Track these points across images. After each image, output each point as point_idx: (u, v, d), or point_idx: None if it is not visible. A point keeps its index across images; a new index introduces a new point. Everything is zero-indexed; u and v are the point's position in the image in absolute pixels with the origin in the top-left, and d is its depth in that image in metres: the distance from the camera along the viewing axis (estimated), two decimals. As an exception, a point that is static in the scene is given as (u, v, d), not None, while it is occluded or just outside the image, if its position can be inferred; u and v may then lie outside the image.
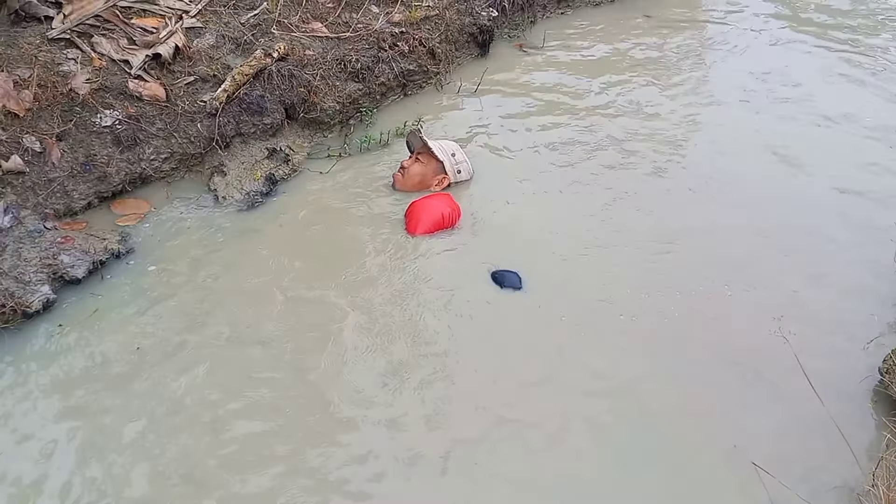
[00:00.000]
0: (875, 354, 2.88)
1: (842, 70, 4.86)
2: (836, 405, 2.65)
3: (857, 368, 2.85)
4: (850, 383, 2.80)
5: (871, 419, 2.69)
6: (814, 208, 3.66)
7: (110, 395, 2.64)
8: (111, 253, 3.15)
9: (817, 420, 2.61)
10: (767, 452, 2.54)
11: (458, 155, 3.70)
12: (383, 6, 4.47)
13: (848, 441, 2.49)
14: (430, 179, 3.66)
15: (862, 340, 2.95)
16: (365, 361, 2.80)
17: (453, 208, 3.47)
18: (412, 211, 3.44)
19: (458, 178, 3.70)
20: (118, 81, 3.50)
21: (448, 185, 3.67)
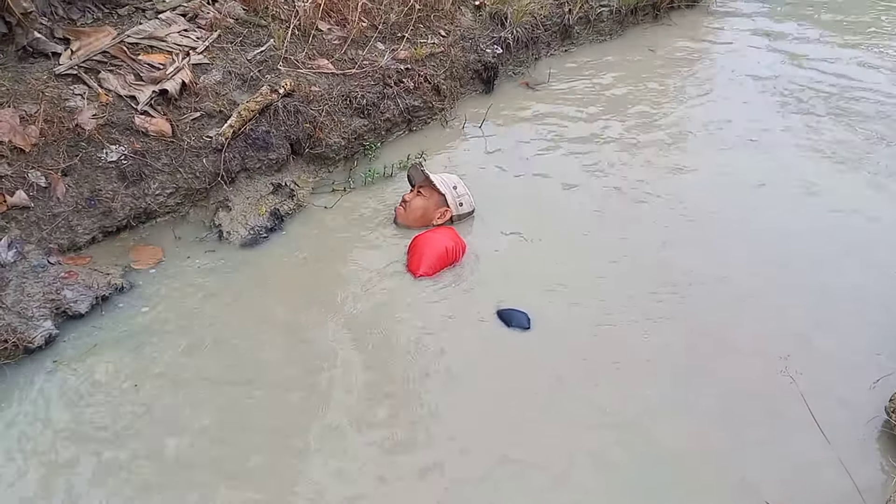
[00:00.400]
0: (882, 394, 2.84)
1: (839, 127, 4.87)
2: (844, 445, 2.63)
3: (863, 408, 2.82)
4: (858, 423, 2.77)
5: (879, 459, 2.66)
6: (819, 246, 3.64)
7: (93, 445, 2.61)
8: (114, 288, 3.14)
9: (824, 460, 2.59)
10: (774, 492, 2.50)
11: (459, 188, 3.70)
12: (389, 43, 4.50)
13: (855, 481, 2.46)
14: (433, 213, 3.66)
15: (868, 380, 2.92)
16: (363, 403, 2.76)
17: (457, 242, 3.46)
18: (415, 246, 3.42)
19: (461, 211, 3.69)
20: (124, 117, 3.52)
21: (450, 218, 3.66)
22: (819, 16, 6.05)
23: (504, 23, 4.99)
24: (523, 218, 3.73)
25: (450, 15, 4.86)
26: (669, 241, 3.63)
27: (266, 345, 2.99)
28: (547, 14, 5.21)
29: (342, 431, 2.66)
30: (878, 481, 2.57)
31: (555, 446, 2.65)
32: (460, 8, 4.98)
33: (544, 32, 5.20)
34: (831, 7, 6.21)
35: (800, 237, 3.70)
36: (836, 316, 3.26)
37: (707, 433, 2.74)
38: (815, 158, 4.31)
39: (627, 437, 2.70)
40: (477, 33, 4.88)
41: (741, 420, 2.78)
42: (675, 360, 3.02)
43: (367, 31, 4.47)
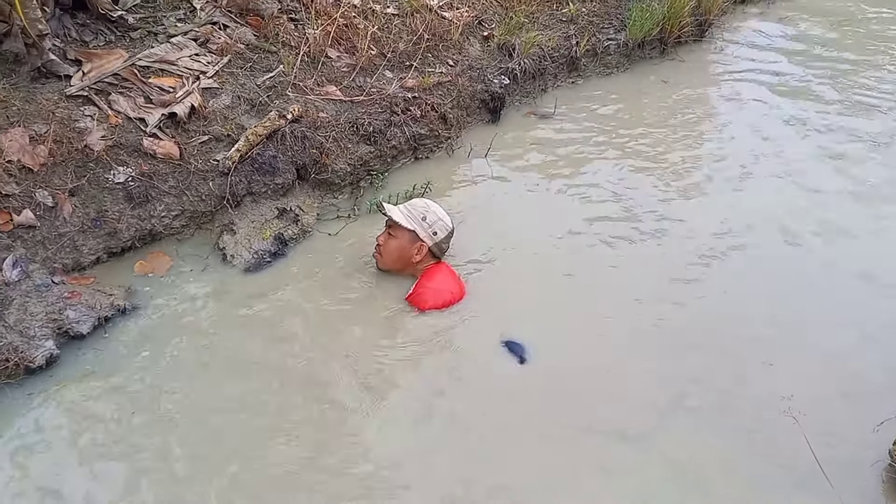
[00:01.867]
0: (885, 437, 2.82)
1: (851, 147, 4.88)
2: (847, 489, 2.63)
3: (867, 451, 2.80)
4: (861, 466, 2.76)
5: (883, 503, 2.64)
6: (824, 285, 3.64)
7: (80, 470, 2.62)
8: (117, 309, 3.15)
9: (825, 501, 2.58)
10: None
11: (429, 216, 3.46)
12: (397, 71, 4.54)
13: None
14: (409, 251, 3.44)
15: (872, 422, 2.90)
16: (369, 447, 2.75)
17: (457, 283, 3.47)
18: (416, 300, 3.40)
19: (437, 239, 3.46)
20: (133, 139, 3.55)
21: (428, 250, 3.47)
22: (822, 52, 6.08)
23: (511, 54, 5.03)
24: (525, 250, 3.73)
25: (458, 45, 4.90)
26: (677, 278, 3.64)
27: (266, 377, 3.00)
28: (554, 46, 5.24)
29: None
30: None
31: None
32: (468, 38, 5.02)
33: (551, 64, 5.22)
34: (836, 43, 6.25)
35: (803, 275, 3.71)
36: (841, 357, 3.25)
37: (708, 472, 2.73)
38: (830, 193, 4.32)
39: (627, 478, 2.69)
40: (484, 63, 4.92)
41: (744, 460, 2.77)
42: (676, 396, 3.02)
43: (376, 59, 4.51)
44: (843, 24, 6.65)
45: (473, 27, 5.11)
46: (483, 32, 5.12)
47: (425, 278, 3.45)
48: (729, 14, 6.58)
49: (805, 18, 6.70)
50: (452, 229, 3.53)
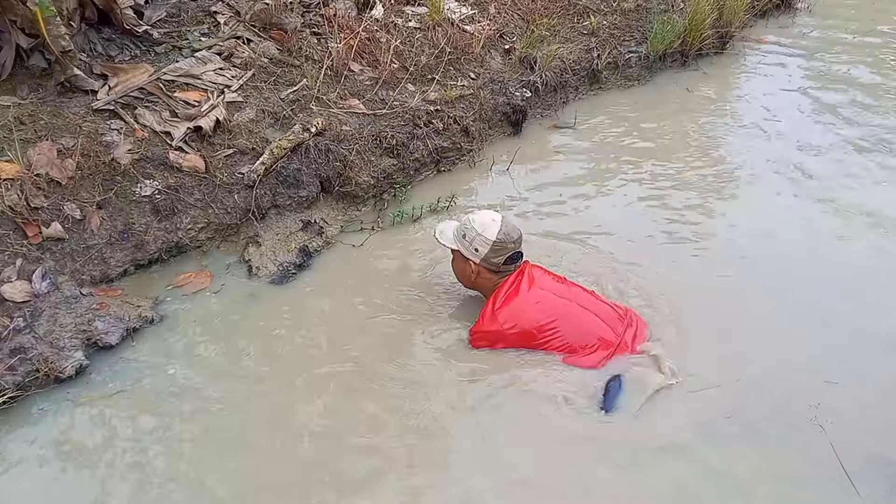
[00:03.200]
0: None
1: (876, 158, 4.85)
2: (872, 496, 2.60)
3: (892, 458, 2.77)
4: (888, 475, 2.72)
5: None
6: (852, 293, 3.61)
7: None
8: (145, 320, 3.16)
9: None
10: None
11: (468, 233, 3.16)
12: (419, 84, 4.56)
13: None
14: (466, 270, 3.24)
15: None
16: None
17: (530, 315, 3.12)
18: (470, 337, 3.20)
19: (480, 255, 3.15)
20: (159, 152, 3.57)
21: (480, 265, 3.18)
22: (843, 64, 6.06)
23: (533, 67, 5.04)
24: (550, 260, 3.71)
25: (479, 58, 4.91)
26: (707, 287, 3.61)
27: (293, 385, 3.01)
28: (575, 59, 5.25)
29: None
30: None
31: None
32: (490, 52, 5.03)
33: (573, 77, 5.23)
34: (858, 56, 6.22)
35: (828, 281, 3.68)
36: (868, 365, 3.21)
37: (731, 482, 2.71)
38: (846, 209, 4.28)
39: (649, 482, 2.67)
40: (506, 76, 4.93)
41: (769, 470, 2.75)
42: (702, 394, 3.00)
43: (398, 72, 4.53)
44: (864, 35, 6.63)
45: (495, 40, 5.13)
46: (504, 46, 5.13)
47: (489, 305, 3.17)
48: (749, 27, 6.58)
49: (827, 31, 6.70)
50: (499, 241, 3.13)
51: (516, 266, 3.25)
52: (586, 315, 3.17)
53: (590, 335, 3.13)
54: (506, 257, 3.18)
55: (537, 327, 3.10)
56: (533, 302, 3.14)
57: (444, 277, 3.58)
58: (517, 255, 3.23)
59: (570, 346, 3.11)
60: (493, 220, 3.18)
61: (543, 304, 3.14)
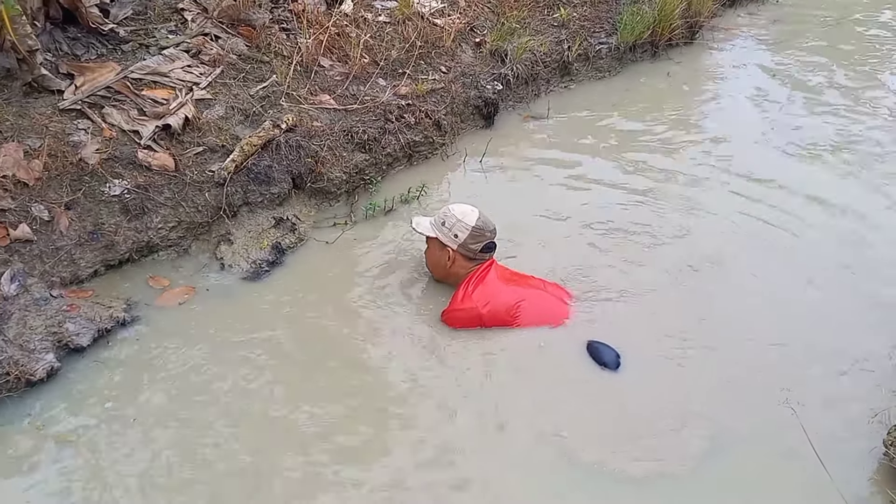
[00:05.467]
0: (881, 426, 2.84)
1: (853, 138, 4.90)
2: (844, 478, 2.65)
3: (863, 441, 2.82)
4: (857, 456, 2.77)
5: (878, 492, 2.65)
6: (824, 279, 3.65)
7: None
8: (117, 321, 3.13)
9: (825, 492, 2.60)
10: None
11: (448, 220, 3.37)
12: (390, 79, 4.55)
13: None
14: (441, 258, 3.41)
15: (868, 413, 2.92)
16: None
17: (502, 296, 3.31)
18: (445, 319, 3.33)
19: (459, 241, 3.34)
20: (128, 151, 3.54)
21: (457, 252, 3.35)
22: (812, 52, 6.11)
23: (504, 59, 5.04)
24: (521, 250, 3.73)
25: (450, 52, 4.91)
26: (681, 277, 3.65)
27: (267, 386, 3.00)
28: (546, 51, 5.26)
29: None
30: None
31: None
32: (461, 45, 5.03)
33: (544, 69, 5.24)
34: (826, 44, 6.28)
35: (798, 267, 3.73)
36: (838, 348, 3.26)
37: (706, 465, 2.74)
38: (828, 191, 4.33)
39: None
40: (477, 70, 4.93)
41: (742, 452, 2.79)
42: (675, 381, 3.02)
43: (369, 67, 4.52)
44: (835, 22, 6.70)
45: (465, 34, 5.12)
46: (475, 39, 5.13)
47: (461, 289, 3.32)
48: (719, 16, 6.62)
49: (797, 19, 6.76)
50: (478, 227, 3.35)
51: (489, 256, 3.45)
52: (549, 297, 3.42)
53: (555, 314, 3.35)
54: (483, 245, 3.39)
55: (508, 307, 3.28)
56: (503, 285, 3.37)
57: (417, 268, 3.62)
58: (492, 245, 3.44)
59: (538, 323, 3.30)
60: (472, 209, 3.42)
61: (511, 287, 3.38)
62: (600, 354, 3.13)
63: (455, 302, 3.30)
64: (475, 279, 3.34)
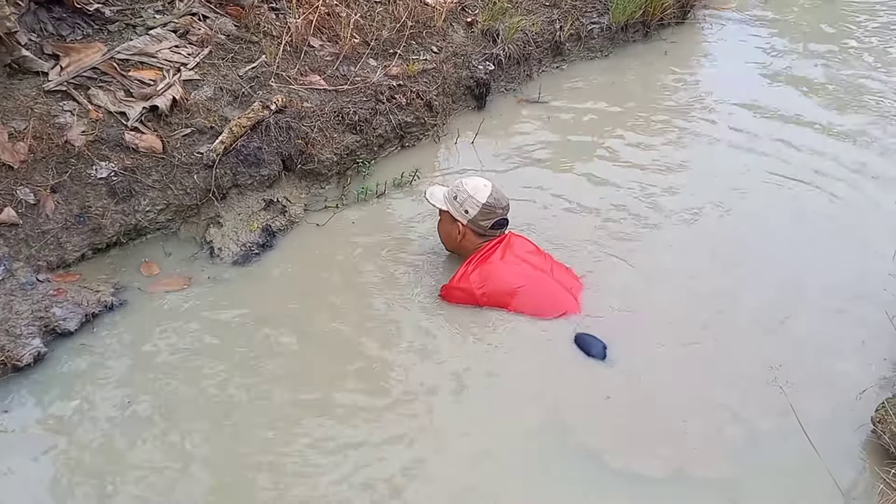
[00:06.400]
0: (868, 403, 2.84)
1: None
2: (832, 455, 2.65)
3: (851, 418, 2.82)
4: (845, 433, 2.78)
5: (865, 469, 2.66)
6: (811, 261, 3.64)
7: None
8: (104, 305, 3.09)
9: (813, 470, 2.60)
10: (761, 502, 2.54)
11: (459, 194, 3.32)
12: (381, 59, 4.49)
13: (843, 491, 2.50)
14: (453, 231, 3.38)
15: (856, 390, 2.92)
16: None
17: (506, 278, 3.26)
18: (444, 293, 3.32)
19: (469, 217, 3.30)
20: (114, 133, 3.48)
21: (467, 228, 3.32)
22: (804, 32, 6.08)
23: (496, 40, 4.99)
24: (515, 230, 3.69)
25: (441, 32, 4.86)
26: (673, 257, 3.63)
27: (255, 368, 2.96)
28: (538, 31, 5.21)
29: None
30: (866, 490, 2.58)
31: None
32: (452, 25, 4.98)
33: (536, 49, 5.19)
34: (818, 23, 6.25)
35: (789, 246, 3.73)
36: (828, 326, 3.26)
37: (696, 443, 2.74)
38: (821, 172, 4.31)
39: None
40: (469, 50, 4.88)
41: (732, 433, 2.79)
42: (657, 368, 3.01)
43: (359, 47, 4.46)
44: (820, 3, 6.67)
45: (457, 13, 5.07)
46: (466, 18, 5.08)
47: (463, 267, 3.29)
48: (710, -5, 6.58)
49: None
50: (489, 204, 3.29)
51: (501, 233, 3.40)
52: (553, 285, 3.31)
53: (555, 302, 3.26)
54: (493, 221, 3.34)
55: (507, 290, 3.23)
56: (505, 267, 3.28)
57: (410, 250, 3.59)
58: (503, 222, 3.39)
59: (535, 309, 3.24)
60: (485, 185, 3.35)
61: (515, 269, 3.28)
62: (588, 346, 3.08)
63: (454, 280, 3.28)
64: (478, 258, 3.30)
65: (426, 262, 3.54)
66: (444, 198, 3.39)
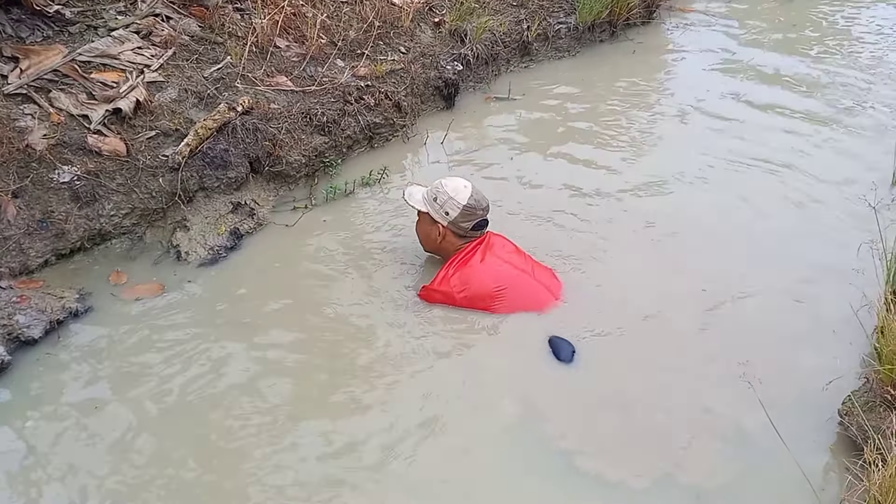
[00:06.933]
0: (835, 395, 2.86)
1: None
2: (800, 448, 2.64)
3: (819, 411, 2.84)
4: (813, 426, 2.79)
5: (833, 461, 2.67)
6: (777, 251, 3.67)
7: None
8: (69, 312, 3.03)
9: (781, 463, 2.60)
10: (730, 497, 2.55)
11: (440, 196, 3.26)
12: (349, 60, 4.46)
13: (811, 483, 2.50)
14: (432, 233, 3.33)
15: (823, 383, 2.93)
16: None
17: (485, 280, 3.23)
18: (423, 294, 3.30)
19: (450, 219, 3.25)
20: (77, 137, 3.41)
21: (447, 229, 3.28)
22: (768, 30, 6.15)
23: (464, 39, 4.98)
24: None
25: (409, 32, 4.84)
26: (636, 254, 3.63)
27: (224, 371, 2.92)
28: (506, 31, 5.21)
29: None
30: (833, 482, 2.59)
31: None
32: (420, 25, 4.96)
33: (504, 49, 5.19)
34: (775, 10, 6.32)
35: (754, 242, 3.74)
36: (793, 319, 3.28)
37: (661, 440, 2.74)
38: (780, 167, 4.34)
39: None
40: (437, 50, 4.86)
41: (696, 427, 2.80)
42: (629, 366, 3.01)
43: (326, 47, 4.42)
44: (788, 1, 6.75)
45: (424, 13, 5.05)
46: (434, 18, 5.06)
47: (444, 269, 3.27)
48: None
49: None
50: (470, 205, 3.24)
51: (481, 234, 3.36)
52: (534, 285, 3.30)
53: (536, 303, 3.26)
54: (474, 223, 3.30)
55: (487, 293, 3.21)
56: (485, 270, 3.25)
57: (380, 250, 3.57)
58: (484, 223, 3.35)
59: (516, 312, 3.22)
60: (465, 186, 3.30)
61: (495, 271, 3.26)
62: (557, 349, 3.06)
63: (434, 283, 3.25)
64: (459, 260, 3.27)
65: (397, 260, 3.52)
66: (423, 199, 3.33)
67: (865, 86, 5.30)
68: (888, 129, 4.73)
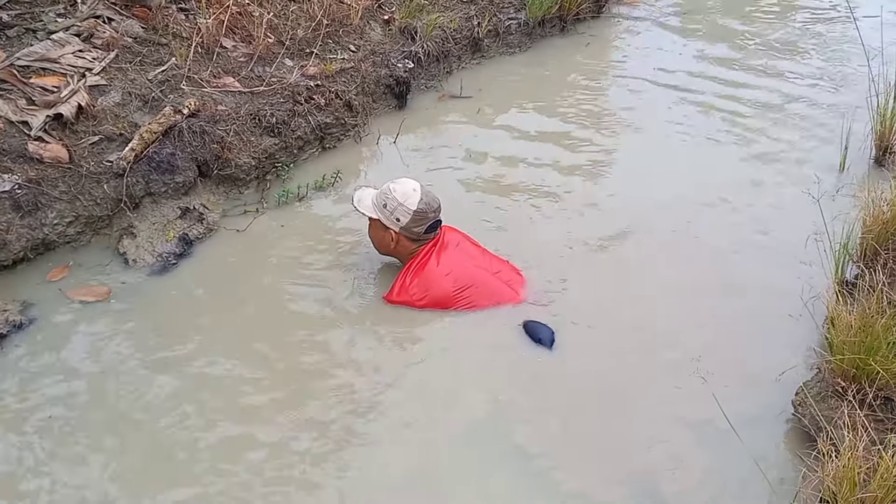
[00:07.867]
0: (788, 387, 2.88)
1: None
2: (754, 440, 2.67)
3: (772, 403, 2.87)
4: (767, 418, 2.82)
5: (787, 452, 2.70)
6: (727, 244, 3.70)
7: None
8: (12, 325, 2.94)
9: (736, 456, 2.62)
10: (688, 492, 2.55)
11: (389, 202, 3.19)
12: (297, 59, 4.39)
13: (766, 475, 2.51)
14: (385, 238, 3.27)
15: (776, 375, 2.96)
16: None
17: (442, 282, 3.22)
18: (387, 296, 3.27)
19: (401, 225, 3.19)
20: (17, 144, 3.31)
21: (399, 234, 3.22)
22: (717, 24, 6.21)
23: (414, 37, 4.94)
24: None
25: (359, 30, 4.79)
26: (591, 252, 3.64)
27: (171, 380, 2.86)
28: (456, 28, 5.18)
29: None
30: (788, 473, 2.61)
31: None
32: (369, 23, 4.91)
33: (455, 46, 5.16)
34: (730, 16, 6.39)
35: (702, 235, 3.77)
36: (744, 312, 3.31)
37: (618, 437, 2.75)
38: (729, 165, 4.38)
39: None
40: (387, 48, 4.82)
41: (653, 423, 2.81)
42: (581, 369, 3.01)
43: (274, 47, 4.35)
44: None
45: (373, 11, 5.00)
46: (383, 16, 5.02)
47: (401, 278, 3.25)
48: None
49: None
50: (420, 210, 3.19)
51: (434, 235, 3.32)
52: (493, 281, 3.30)
53: (498, 301, 3.25)
54: (426, 226, 3.25)
55: (447, 296, 3.20)
56: (444, 273, 3.23)
57: (334, 253, 3.53)
58: (436, 224, 3.30)
59: (478, 309, 3.23)
60: (414, 189, 3.23)
61: (455, 273, 3.24)
62: (536, 332, 3.07)
63: (393, 292, 3.24)
64: (416, 266, 3.24)
65: (351, 263, 3.47)
66: (372, 205, 3.26)
67: (810, 72, 5.41)
68: (829, 118, 4.82)
